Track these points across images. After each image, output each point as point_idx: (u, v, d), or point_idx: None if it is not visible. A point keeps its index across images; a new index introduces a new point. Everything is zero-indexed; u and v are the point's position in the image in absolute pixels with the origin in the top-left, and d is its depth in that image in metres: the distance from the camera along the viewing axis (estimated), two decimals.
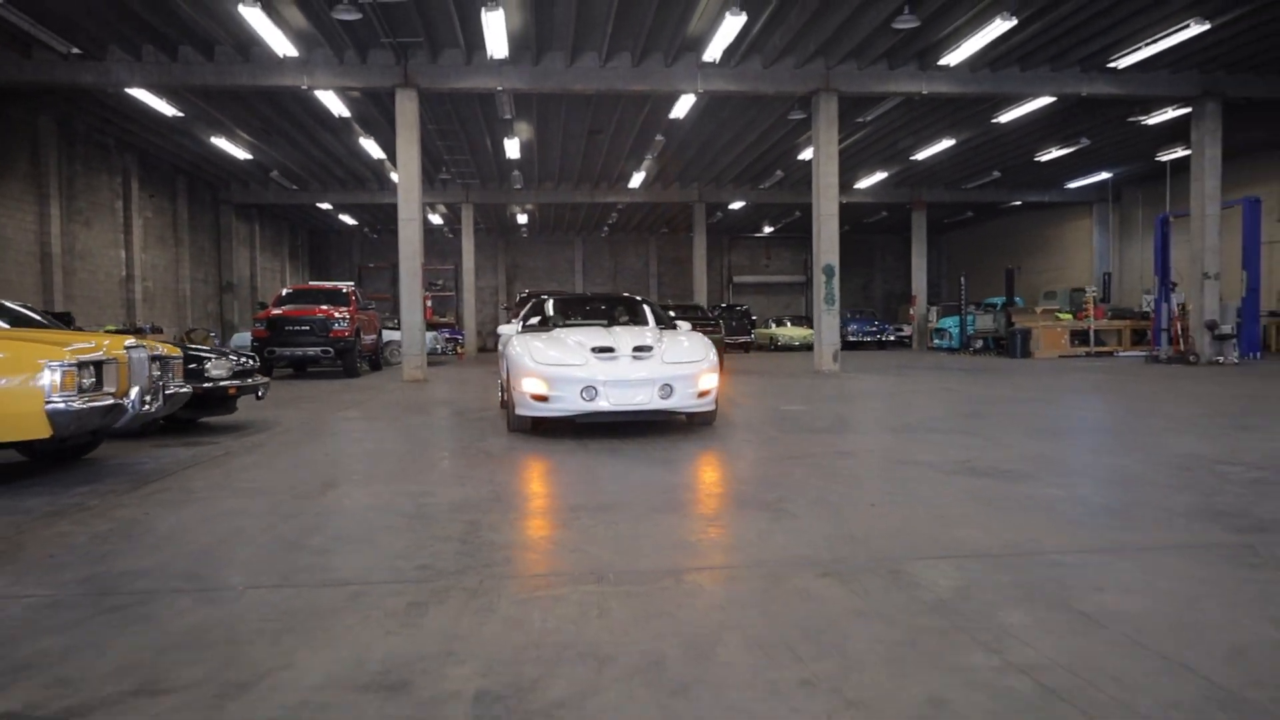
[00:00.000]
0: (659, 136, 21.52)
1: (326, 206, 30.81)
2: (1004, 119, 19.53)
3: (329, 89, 16.16)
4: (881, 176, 27.07)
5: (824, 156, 16.57)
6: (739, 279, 41.65)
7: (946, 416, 8.92)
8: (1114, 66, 16.02)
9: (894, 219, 34.79)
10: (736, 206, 31.49)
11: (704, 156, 24.38)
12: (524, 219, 34.54)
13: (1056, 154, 23.73)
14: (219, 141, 21.27)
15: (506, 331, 8.36)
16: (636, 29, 14.42)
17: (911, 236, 31.42)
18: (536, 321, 8.83)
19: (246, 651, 2.54)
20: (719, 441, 7.06)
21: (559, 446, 6.79)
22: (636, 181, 26.92)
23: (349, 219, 34.68)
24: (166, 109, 17.53)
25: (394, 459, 6.63)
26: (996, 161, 25.57)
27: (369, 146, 21.70)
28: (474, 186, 28.43)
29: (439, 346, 23.24)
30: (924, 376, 15.60)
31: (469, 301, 32.44)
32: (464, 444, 7.19)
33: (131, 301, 22.51)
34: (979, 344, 25.29)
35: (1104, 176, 27.42)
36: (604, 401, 6.83)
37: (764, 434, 7.64)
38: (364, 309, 18.91)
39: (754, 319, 33.17)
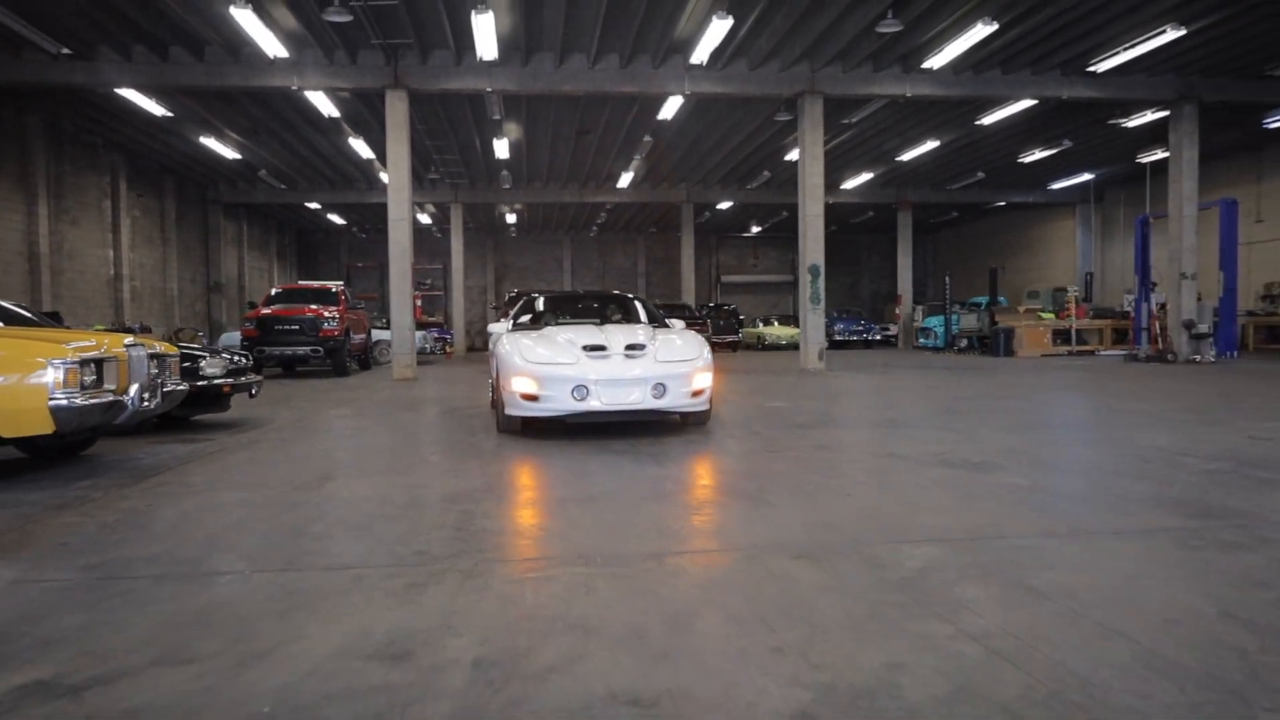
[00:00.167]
0: (647, 137, 21.73)
1: (315, 206, 30.86)
2: (987, 121, 19.84)
3: (319, 89, 16.28)
4: (868, 177, 27.37)
5: (809, 158, 16.82)
6: (727, 278, 41.92)
7: (926, 413, 9.17)
8: (1093, 70, 16.34)
9: (880, 219, 35.13)
10: (724, 207, 31.74)
11: (692, 157, 24.61)
12: (513, 218, 34.68)
13: (1039, 155, 24.07)
14: (208, 141, 21.34)
15: (496, 330, 8.35)
16: (624, 31, 14.62)
17: (897, 236, 31.76)
18: (527, 319, 8.73)
19: (258, 626, 2.73)
20: (703, 436, 7.27)
21: (548, 441, 6.98)
22: (625, 181, 27.13)
23: (337, 218, 34.73)
24: (156, 109, 17.60)
25: (387, 454, 6.81)
26: (981, 162, 25.91)
27: (358, 146, 21.81)
28: (463, 186, 28.57)
29: (428, 346, 23.37)
30: (907, 375, 15.87)
31: (458, 301, 32.57)
32: (455, 440, 7.37)
33: (119, 301, 22.55)
34: (963, 343, 25.61)
35: (1086, 178, 27.81)
36: (596, 401, 6.75)
37: (748, 429, 7.84)
38: (353, 308, 19.03)
39: (741, 318, 33.46)
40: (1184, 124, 17.58)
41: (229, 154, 22.75)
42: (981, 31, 13.86)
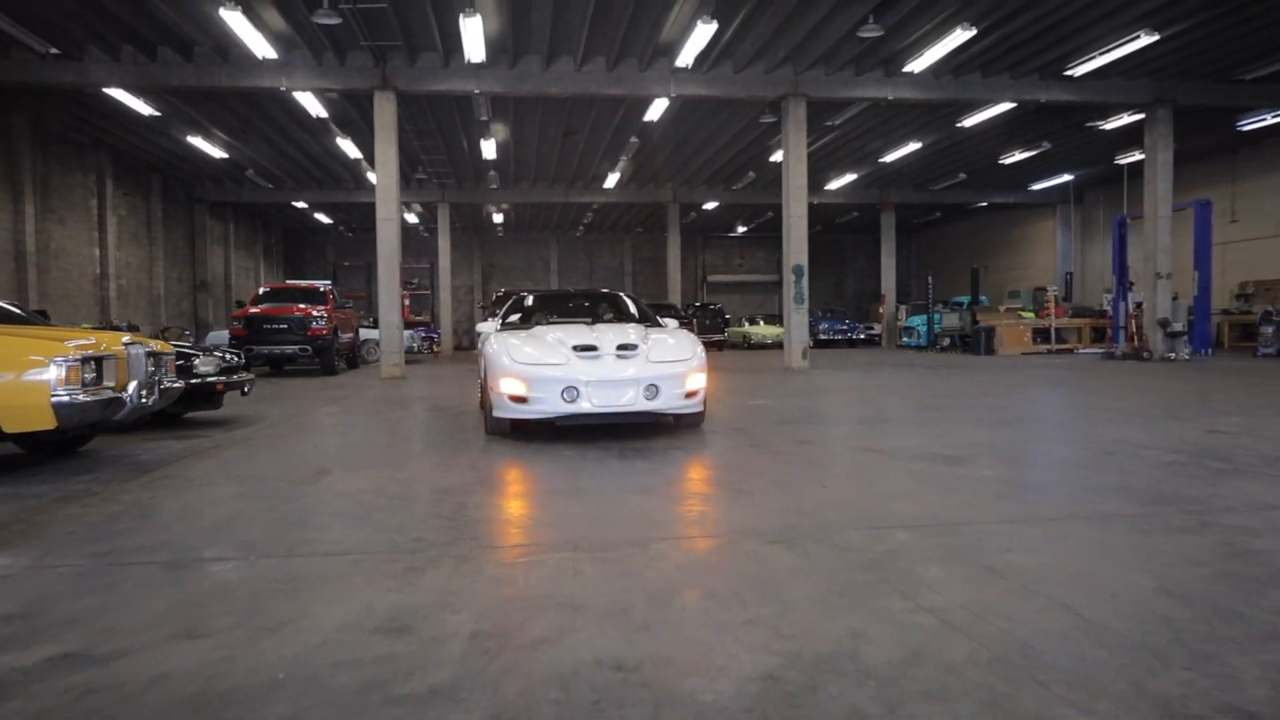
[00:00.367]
0: (633, 138, 21.94)
1: (302, 205, 30.90)
2: (968, 123, 20.16)
3: (307, 90, 16.39)
4: (852, 178, 27.69)
5: (793, 159, 17.07)
6: (713, 278, 42.21)
7: (904, 409, 9.43)
8: (1071, 74, 16.68)
9: (865, 219, 35.48)
10: (710, 207, 31.99)
11: (678, 158, 24.84)
12: (500, 218, 34.81)
13: (1020, 157, 24.45)
14: (195, 140, 21.39)
15: (485, 329, 8.21)
16: (611, 35, 14.83)
17: (881, 237, 32.11)
18: (516, 319, 8.52)
19: (268, 605, 2.92)
20: (688, 433, 7.47)
21: (536, 438, 7.17)
22: (611, 182, 27.33)
23: (324, 218, 34.76)
24: (143, 108, 17.64)
25: (380, 450, 6.98)
26: (963, 164, 26.27)
27: (346, 146, 21.91)
28: (450, 186, 28.69)
29: (415, 345, 23.51)
30: (889, 373, 16.15)
31: (445, 300, 32.67)
32: (446, 437, 7.55)
33: (106, 300, 22.55)
34: (946, 342, 25.97)
35: (1066, 179, 28.24)
36: (586, 403, 6.57)
37: (731, 425, 8.06)
38: (341, 308, 19.15)
39: (727, 318, 33.72)
40: (1158, 127, 17.95)
41: (216, 153, 22.79)
42: (961, 36, 14.16)
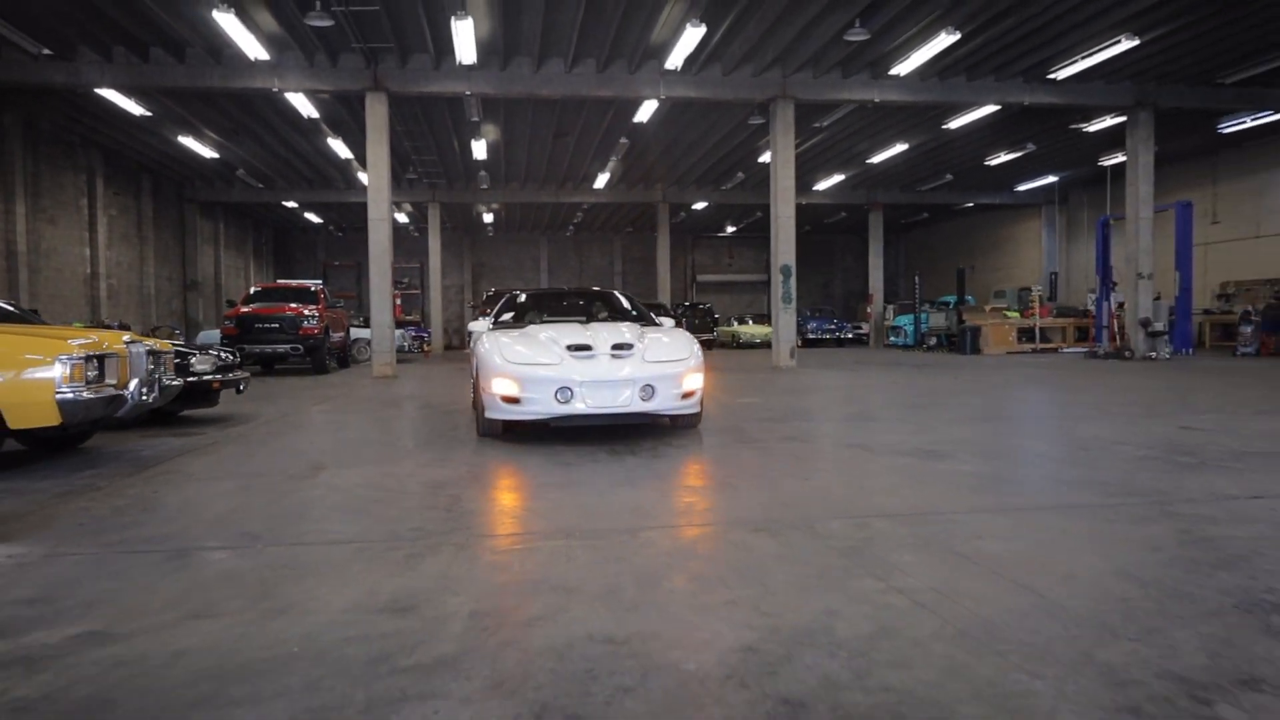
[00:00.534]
0: (623, 139, 22.11)
1: (293, 205, 30.93)
2: (954, 125, 20.41)
3: (299, 91, 16.48)
4: (839, 179, 27.93)
5: (781, 161, 17.28)
6: (703, 278, 42.43)
7: (888, 407, 9.63)
8: (1054, 77, 16.94)
9: (853, 219, 35.77)
10: (700, 207, 32.19)
11: (667, 158, 25.02)
12: (490, 218, 34.91)
13: (1005, 158, 24.74)
14: (186, 140, 21.43)
15: (477, 328, 8.18)
16: (601, 37, 14.99)
17: (869, 237, 32.38)
18: (509, 317, 8.40)
19: (276, 589, 3.08)
20: (676, 430, 7.64)
21: (529, 435, 7.32)
22: (601, 182, 27.49)
23: (314, 217, 34.79)
24: (135, 108, 17.68)
25: (375, 446, 7.13)
26: (949, 165, 26.55)
27: (337, 147, 21.99)
28: (441, 186, 28.78)
29: (406, 344, 23.63)
30: (875, 372, 16.37)
31: (435, 299, 32.76)
32: (439, 433, 7.70)
33: (96, 299, 22.56)
34: (932, 341, 26.24)
35: (1051, 180, 28.57)
36: (580, 404, 6.43)
37: (719, 423, 8.23)
38: (332, 307, 19.26)
39: (717, 317, 33.96)
40: (1140, 129, 18.24)
41: (207, 153, 22.83)
42: (946, 40, 14.39)
